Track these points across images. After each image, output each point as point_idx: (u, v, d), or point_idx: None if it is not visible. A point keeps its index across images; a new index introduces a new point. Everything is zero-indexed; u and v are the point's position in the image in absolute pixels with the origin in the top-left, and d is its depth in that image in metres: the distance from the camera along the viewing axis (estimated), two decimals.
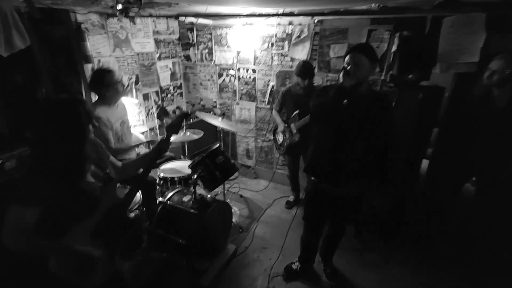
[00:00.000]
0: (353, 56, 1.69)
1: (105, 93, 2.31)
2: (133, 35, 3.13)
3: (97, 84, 2.30)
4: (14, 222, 1.17)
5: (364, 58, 1.68)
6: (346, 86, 1.70)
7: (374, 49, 1.76)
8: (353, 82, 1.68)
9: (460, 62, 2.38)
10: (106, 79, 2.27)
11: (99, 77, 2.29)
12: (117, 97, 2.41)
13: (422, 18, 2.43)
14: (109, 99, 2.35)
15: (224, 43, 3.54)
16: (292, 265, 2.44)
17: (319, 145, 1.95)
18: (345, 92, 1.72)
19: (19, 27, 2.06)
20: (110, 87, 2.29)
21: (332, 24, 2.86)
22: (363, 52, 1.69)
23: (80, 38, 2.59)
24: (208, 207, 2.29)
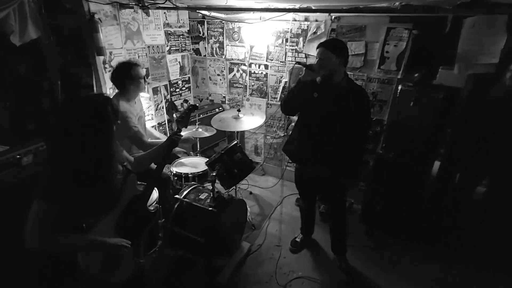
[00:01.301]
0: (319, 52, 1.89)
1: (129, 86, 2.26)
2: (145, 27, 3.05)
3: (122, 76, 2.25)
4: (38, 218, 1.14)
5: (328, 52, 1.86)
6: (316, 80, 1.95)
7: (341, 44, 1.95)
8: (318, 75, 1.91)
9: (479, 63, 2.38)
10: (132, 73, 2.24)
11: (126, 70, 2.24)
12: (138, 93, 2.38)
13: (442, 18, 2.42)
14: (131, 93, 2.31)
15: (236, 38, 3.48)
16: (296, 238, 2.73)
17: (295, 130, 2.23)
18: (317, 86, 1.96)
19: (35, 16, 1.99)
20: (136, 80, 2.25)
21: (350, 21, 2.83)
22: (327, 47, 1.88)
23: (93, 29, 2.49)
24: (227, 205, 2.27)
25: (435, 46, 2.64)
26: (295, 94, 1.99)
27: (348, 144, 2.02)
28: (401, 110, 2.62)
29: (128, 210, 1.43)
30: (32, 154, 1.87)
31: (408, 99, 2.47)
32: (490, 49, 2.32)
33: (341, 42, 1.98)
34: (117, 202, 1.39)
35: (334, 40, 2.11)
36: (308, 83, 1.92)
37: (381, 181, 2.75)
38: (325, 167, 2.11)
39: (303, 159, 2.24)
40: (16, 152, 1.78)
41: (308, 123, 2.11)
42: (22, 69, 2.69)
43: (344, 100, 1.93)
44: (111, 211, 1.37)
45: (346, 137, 1.99)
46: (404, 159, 2.57)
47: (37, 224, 1.14)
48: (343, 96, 1.93)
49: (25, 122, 2.76)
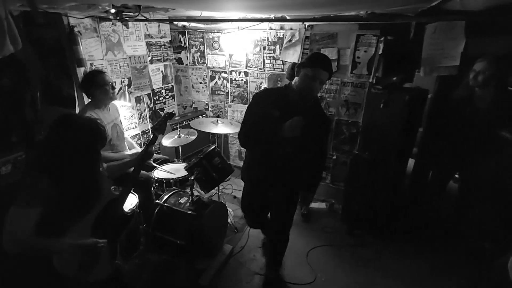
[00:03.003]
0: (319, 74, 1.66)
1: (94, 93, 2.35)
2: (125, 38, 3.14)
3: (87, 85, 2.35)
4: (16, 224, 1.19)
5: (326, 74, 1.71)
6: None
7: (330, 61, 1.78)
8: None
9: (442, 65, 2.53)
10: (96, 80, 2.32)
11: (89, 78, 2.34)
12: (107, 100, 2.44)
13: (406, 24, 2.56)
14: (99, 101, 2.39)
15: (216, 47, 3.59)
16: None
17: (254, 153, 2.05)
18: (281, 103, 1.81)
19: (13, 30, 2.05)
20: (100, 88, 2.33)
21: (322, 29, 2.97)
22: (326, 68, 1.69)
23: (73, 41, 2.57)
24: (206, 208, 2.33)
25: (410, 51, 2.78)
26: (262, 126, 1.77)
27: (311, 161, 1.98)
28: (373, 112, 2.76)
29: (105, 213, 1.49)
30: (11, 164, 1.91)
31: (378, 101, 2.60)
32: (451, 52, 2.47)
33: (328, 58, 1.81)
34: (93, 206, 1.45)
35: (327, 57, 1.80)
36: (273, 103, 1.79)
37: (358, 181, 2.85)
38: (290, 185, 2.04)
39: (269, 181, 2.03)
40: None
41: (271, 144, 1.86)
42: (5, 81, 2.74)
43: (308, 118, 1.75)
44: (87, 214, 1.43)
45: (310, 154, 1.94)
46: (379, 158, 2.69)
47: (15, 229, 1.18)
48: (308, 114, 1.76)
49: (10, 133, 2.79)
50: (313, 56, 1.75)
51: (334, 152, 3.35)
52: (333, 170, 3.43)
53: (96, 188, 1.45)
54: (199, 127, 2.96)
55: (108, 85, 2.39)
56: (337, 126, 3.23)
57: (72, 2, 1.78)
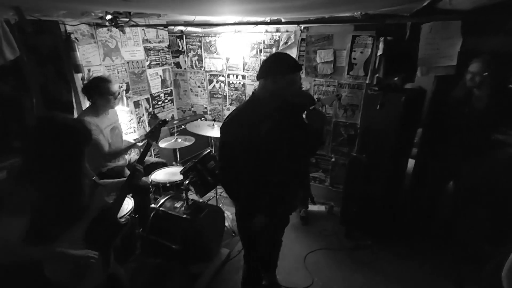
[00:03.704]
0: (298, 78, 1.61)
1: (96, 100, 2.35)
2: (123, 43, 3.17)
3: (92, 90, 2.34)
4: (3, 234, 1.16)
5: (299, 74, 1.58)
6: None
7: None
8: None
9: (439, 65, 2.49)
10: (101, 87, 2.31)
11: (95, 84, 2.33)
12: (108, 108, 2.45)
13: (402, 25, 2.54)
14: (99, 108, 2.39)
15: (213, 50, 3.60)
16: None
17: (248, 186, 1.64)
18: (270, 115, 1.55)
19: (9, 38, 2.09)
20: (104, 96, 2.33)
21: (318, 30, 2.96)
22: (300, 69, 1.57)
23: (70, 48, 2.61)
24: (201, 212, 2.33)
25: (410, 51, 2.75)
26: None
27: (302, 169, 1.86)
28: (370, 113, 2.73)
29: (97, 222, 1.46)
30: (6, 170, 1.93)
31: (374, 102, 2.57)
32: (448, 52, 2.43)
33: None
34: (85, 214, 1.43)
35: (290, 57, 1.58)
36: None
37: (357, 183, 2.82)
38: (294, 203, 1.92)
39: (277, 210, 1.79)
40: None
41: (264, 166, 1.60)
42: (6, 88, 2.79)
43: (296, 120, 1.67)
44: (79, 222, 1.40)
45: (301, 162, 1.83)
46: (376, 160, 2.65)
47: (4, 238, 1.15)
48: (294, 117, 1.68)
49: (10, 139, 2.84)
50: (286, 61, 1.49)
51: (332, 154, 3.32)
52: (332, 173, 3.40)
53: (82, 192, 1.41)
54: (196, 130, 2.97)
55: (112, 95, 2.38)
56: (335, 128, 3.20)
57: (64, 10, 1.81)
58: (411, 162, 2.96)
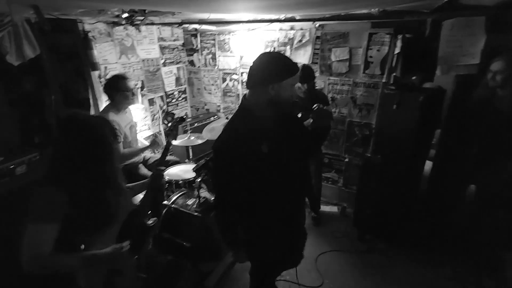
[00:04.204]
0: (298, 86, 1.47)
1: (115, 97, 2.44)
2: (139, 42, 3.22)
3: (110, 88, 2.45)
4: (35, 242, 1.09)
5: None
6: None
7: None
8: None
9: (460, 64, 2.39)
10: (119, 84, 2.42)
11: (113, 82, 2.44)
12: (127, 104, 2.53)
13: (422, 21, 2.45)
14: (119, 104, 2.48)
15: (227, 48, 3.60)
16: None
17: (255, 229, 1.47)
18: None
19: (29, 37, 2.15)
20: (122, 92, 2.42)
21: (333, 28, 2.90)
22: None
23: (87, 46, 2.67)
24: (212, 210, 2.33)
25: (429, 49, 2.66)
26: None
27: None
28: (386, 113, 2.65)
29: (126, 226, 1.42)
30: (26, 164, 2.00)
31: (391, 102, 2.50)
32: (470, 50, 2.32)
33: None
34: (114, 219, 1.37)
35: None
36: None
37: (371, 185, 2.75)
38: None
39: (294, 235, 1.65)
40: (10, 162, 1.91)
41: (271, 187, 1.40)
42: (27, 86, 2.89)
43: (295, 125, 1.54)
44: (109, 228, 1.35)
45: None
46: (392, 161, 2.58)
47: (35, 247, 1.09)
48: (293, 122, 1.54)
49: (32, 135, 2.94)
50: (282, 64, 1.29)
51: (346, 155, 3.26)
52: (345, 173, 3.33)
53: (113, 195, 1.34)
54: (210, 137, 2.94)
55: (130, 91, 2.48)
56: (349, 128, 3.14)
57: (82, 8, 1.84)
58: (428, 164, 2.86)
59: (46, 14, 2.00)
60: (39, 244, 1.09)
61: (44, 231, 1.11)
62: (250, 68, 1.31)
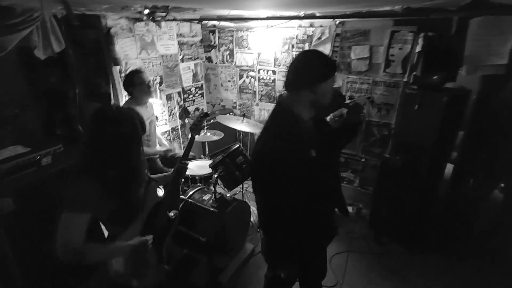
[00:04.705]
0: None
1: (133, 92, 2.51)
2: (158, 38, 3.25)
3: (127, 84, 2.52)
4: (70, 230, 1.13)
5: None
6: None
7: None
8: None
9: (488, 64, 2.30)
10: (134, 79, 2.48)
11: (129, 77, 2.51)
12: (145, 97, 2.58)
13: (447, 19, 2.37)
14: (138, 98, 2.54)
15: (245, 45, 3.60)
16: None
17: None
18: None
19: (56, 32, 2.21)
20: (138, 86, 2.48)
21: (354, 25, 2.85)
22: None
23: (110, 41, 2.73)
24: (228, 206, 2.35)
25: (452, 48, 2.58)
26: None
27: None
28: (406, 113, 2.59)
29: (151, 217, 1.45)
30: (51, 156, 2.07)
31: (412, 102, 2.44)
32: (498, 49, 2.24)
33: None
34: (141, 210, 1.41)
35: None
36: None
37: (388, 186, 2.71)
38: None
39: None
40: (37, 153, 1.98)
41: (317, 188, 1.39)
42: (52, 79, 2.97)
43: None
44: (136, 219, 1.38)
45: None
46: (412, 163, 2.52)
47: (69, 235, 1.13)
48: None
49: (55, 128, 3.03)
50: (325, 63, 1.26)
51: (363, 155, 3.21)
52: (362, 173, 3.28)
53: (140, 186, 1.38)
54: (225, 122, 2.99)
55: (145, 83, 2.53)
56: (367, 128, 3.08)
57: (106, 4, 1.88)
58: (448, 167, 2.78)
59: (73, 10, 2.05)
60: (72, 232, 1.13)
61: (77, 220, 1.14)
62: (291, 68, 1.26)
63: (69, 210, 1.14)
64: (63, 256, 1.11)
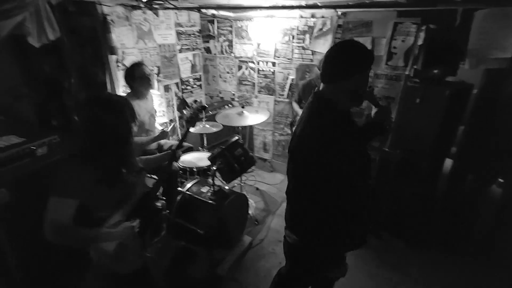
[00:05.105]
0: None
1: (133, 85, 2.48)
2: (156, 27, 3.18)
3: (128, 77, 2.49)
4: (58, 212, 1.17)
5: None
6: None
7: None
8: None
9: (491, 57, 2.27)
10: (135, 72, 2.44)
11: (130, 71, 2.47)
12: (145, 89, 2.55)
13: (451, 11, 2.32)
14: (138, 92, 2.51)
15: (244, 36, 3.53)
16: None
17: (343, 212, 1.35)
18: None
19: (51, 19, 2.15)
20: (138, 79, 2.45)
21: (356, 16, 2.79)
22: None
23: (106, 30, 2.66)
24: (226, 199, 2.33)
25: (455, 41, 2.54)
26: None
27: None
28: (408, 107, 2.56)
29: (138, 206, 1.45)
30: (47, 146, 2.03)
31: (414, 96, 2.41)
32: (503, 43, 2.21)
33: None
34: (130, 197, 1.41)
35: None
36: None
37: (387, 181, 2.69)
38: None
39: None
40: (32, 143, 1.94)
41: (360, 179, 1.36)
42: (47, 68, 2.90)
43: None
44: (124, 205, 1.39)
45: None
46: (411, 157, 2.51)
47: (55, 219, 1.16)
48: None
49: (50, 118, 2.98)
50: (366, 53, 1.21)
51: None
52: None
53: (129, 174, 1.39)
54: (224, 122, 2.93)
55: (145, 77, 2.50)
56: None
57: None
58: (447, 162, 2.77)
59: None
60: (59, 213, 1.16)
61: (64, 204, 1.18)
62: (330, 59, 1.23)
63: (57, 195, 1.17)
64: (49, 235, 1.15)
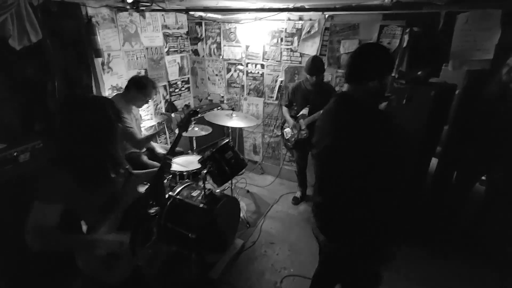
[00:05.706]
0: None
1: (134, 95, 2.50)
2: (143, 29, 3.13)
3: (136, 85, 2.49)
4: (39, 219, 1.14)
5: None
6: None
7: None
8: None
9: (474, 59, 2.35)
10: (147, 91, 2.51)
11: (142, 84, 2.50)
12: (135, 104, 2.59)
13: (435, 14, 2.39)
14: (130, 101, 2.53)
15: (232, 38, 3.52)
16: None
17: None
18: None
19: (32, 20, 2.08)
20: (143, 97, 2.52)
21: (343, 19, 2.83)
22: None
23: (91, 32, 2.59)
24: (218, 202, 2.30)
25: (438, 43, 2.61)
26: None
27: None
28: (394, 108, 2.61)
29: (130, 213, 1.41)
30: (29, 152, 1.96)
31: (400, 97, 2.46)
32: (484, 44, 2.28)
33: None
34: (118, 203, 1.38)
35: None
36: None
37: None
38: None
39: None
40: (13, 149, 1.87)
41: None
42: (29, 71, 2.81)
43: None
44: (113, 211, 1.35)
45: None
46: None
47: (38, 225, 1.13)
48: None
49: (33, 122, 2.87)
50: (389, 54, 1.30)
51: None
52: None
53: (116, 179, 1.36)
54: (213, 120, 2.92)
55: (149, 99, 2.59)
56: None
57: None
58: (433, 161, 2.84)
59: None
60: (42, 219, 1.13)
61: (48, 210, 1.15)
62: (356, 61, 1.27)
63: (42, 201, 1.14)
64: (31, 240, 1.11)
